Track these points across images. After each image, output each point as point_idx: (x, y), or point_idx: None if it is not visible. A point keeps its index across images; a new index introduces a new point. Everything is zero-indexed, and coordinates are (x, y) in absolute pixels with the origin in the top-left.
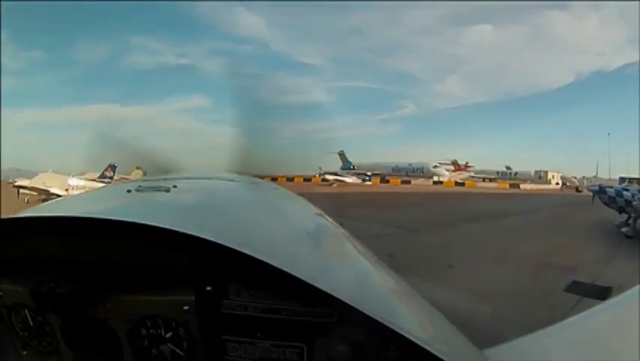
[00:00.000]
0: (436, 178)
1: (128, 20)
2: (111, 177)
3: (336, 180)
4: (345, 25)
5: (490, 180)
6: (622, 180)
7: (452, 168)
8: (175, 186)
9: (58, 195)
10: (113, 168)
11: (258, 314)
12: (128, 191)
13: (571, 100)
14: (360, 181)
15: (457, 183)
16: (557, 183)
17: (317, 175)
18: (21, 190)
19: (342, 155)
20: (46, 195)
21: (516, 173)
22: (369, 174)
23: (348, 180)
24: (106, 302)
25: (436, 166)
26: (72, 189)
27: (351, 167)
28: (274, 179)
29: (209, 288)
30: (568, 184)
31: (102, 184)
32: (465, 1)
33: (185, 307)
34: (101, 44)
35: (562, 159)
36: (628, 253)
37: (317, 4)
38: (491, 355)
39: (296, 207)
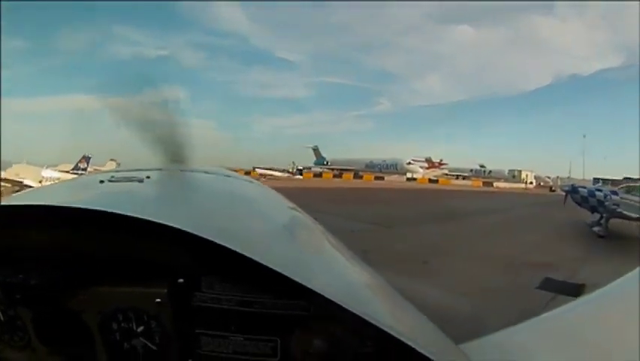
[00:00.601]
0: (409, 175)
1: (108, 9)
2: (85, 169)
3: (262, 174)
4: (324, 21)
5: (464, 177)
6: (596, 180)
7: (426, 165)
8: (148, 177)
9: (32, 187)
10: (87, 159)
11: (231, 307)
12: (101, 181)
13: (548, 101)
14: (287, 175)
15: (430, 180)
16: (531, 183)
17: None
18: None
19: (315, 150)
20: (20, 187)
21: (490, 171)
22: (300, 168)
23: (277, 174)
24: (77, 294)
25: (409, 163)
26: (46, 181)
27: (325, 162)
28: (248, 173)
29: (181, 280)
30: (542, 183)
31: (76, 176)
32: (447, 1)
33: (157, 300)
34: (79, 34)
35: (537, 159)
36: (599, 252)
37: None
38: (467, 349)
39: (270, 200)
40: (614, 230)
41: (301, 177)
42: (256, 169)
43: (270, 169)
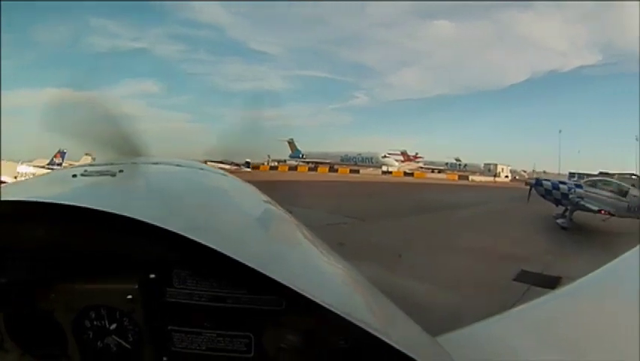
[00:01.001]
0: (385, 168)
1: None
2: (60, 164)
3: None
4: (304, 14)
5: (439, 171)
6: (571, 175)
7: (402, 158)
8: (121, 171)
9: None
10: (62, 154)
11: (203, 303)
12: (74, 175)
13: (525, 96)
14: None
15: (405, 174)
16: (506, 176)
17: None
18: None
19: (291, 143)
20: None
21: (465, 165)
22: (248, 160)
23: (227, 167)
24: (49, 293)
25: (385, 156)
26: (21, 177)
27: (301, 155)
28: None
29: (152, 276)
30: (517, 177)
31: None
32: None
33: (129, 297)
34: (54, 26)
35: (514, 153)
36: (563, 243)
37: None
38: (444, 342)
39: (244, 194)
40: (580, 223)
41: (249, 169)
42: (208, 162)
43: (221, 162)
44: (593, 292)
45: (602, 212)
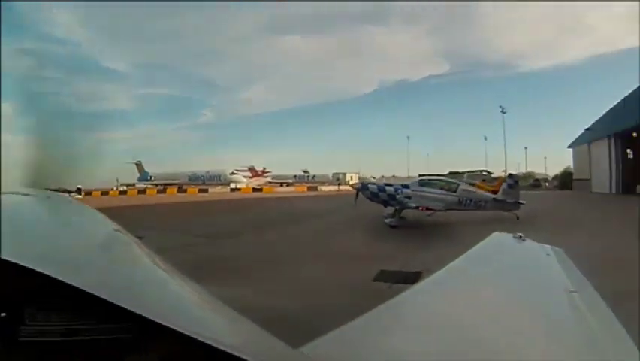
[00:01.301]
0: (233, 185)
1: None
2: None
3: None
4: (159, 29)
5: (288, 184)
6: (421, 176)
7: (250, 174)
8: None
9: None
10: None
11: (56, 339)
12: None
13: (375, 106)
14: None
15: (254, 189)
16: (349, 184)
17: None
18: None
19: (139, 165)
20: None
21: (314, 176)
22: (79, 186)
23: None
24: None
25: (233, 173)
26: None
27: (149, 177)
28: (70, 192)
29: (3, 314)
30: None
31: None
32: (280, 1)
33: None
34: None
35: (366, 160)
36: (393, 239)
37: (131, 3)
38: (309, 351)
39: (91, 221)
40: (412, 220)
41: (80, 196)
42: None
43: (55, 190)
44: (451, 283)
45: (421, 208)
